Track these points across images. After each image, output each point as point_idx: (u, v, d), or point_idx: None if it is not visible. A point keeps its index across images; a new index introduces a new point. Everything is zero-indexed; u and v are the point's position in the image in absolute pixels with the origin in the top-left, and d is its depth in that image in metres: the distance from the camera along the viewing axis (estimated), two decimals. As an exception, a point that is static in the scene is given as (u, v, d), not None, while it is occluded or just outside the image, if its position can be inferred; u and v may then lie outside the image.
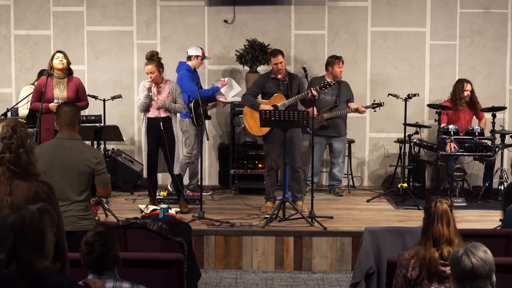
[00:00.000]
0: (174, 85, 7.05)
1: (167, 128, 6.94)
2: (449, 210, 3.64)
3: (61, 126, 4.43)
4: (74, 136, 4.41)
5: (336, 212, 7.14)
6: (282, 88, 7.15)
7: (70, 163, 4.30)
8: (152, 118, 6.95)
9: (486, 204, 7.58)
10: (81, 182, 4.33)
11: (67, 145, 4.35)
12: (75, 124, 4.43)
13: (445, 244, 3.58)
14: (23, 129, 3.34)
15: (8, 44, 8.83)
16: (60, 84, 6.86)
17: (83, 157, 4.33)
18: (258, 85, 7.25)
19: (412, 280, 3.60)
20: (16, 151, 3.25)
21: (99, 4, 8.76)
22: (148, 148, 7.00)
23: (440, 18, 8.73)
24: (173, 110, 6.98)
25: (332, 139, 8.08)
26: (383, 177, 8.91)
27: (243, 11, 8.74)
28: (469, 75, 8.40)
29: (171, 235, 4.75)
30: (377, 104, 7.87)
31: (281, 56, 7.12)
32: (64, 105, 4.57)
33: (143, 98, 6.89)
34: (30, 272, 2.40)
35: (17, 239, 2.40)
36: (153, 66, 6.86)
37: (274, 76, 7.18)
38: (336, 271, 6.25)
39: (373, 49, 8.79)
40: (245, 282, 5.97)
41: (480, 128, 7.68)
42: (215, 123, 8.85)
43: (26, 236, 2.41)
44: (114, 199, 7.73)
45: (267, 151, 7.20)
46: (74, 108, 4.49)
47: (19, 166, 3.25)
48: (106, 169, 4.42)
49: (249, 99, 7.17)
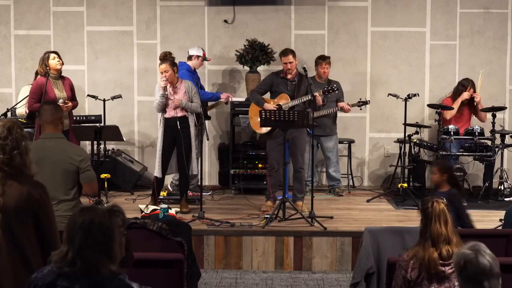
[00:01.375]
0: (189, 84, 7.03)
1: (184, 127, 6.92)
2: (446, 209, 3.65)
3: (44, 125, 4.44)
4: (56, 135, 4.40)
5: (336, 212, 7.14)
6: (289, 88, 7.11)
7: (55, 162, 4.30)
8: (168, 118, 6.93)
9: (486, 204, 7.58)
10: (67, 181, 4.33)
11: (51, 144, 4.35)
12: (57, 123, 4.42)
13: (444, 243, 3.59)
14: (19, 130, 3.33)
15: (8, 44, 8.83)
16: (57, 84, 6.89)
17: (66, 156, 4.33)
18: (266, 83, 7.24)
19: (412, 281, 3.60)
20: (10, 153, 3.25)
21: (99, 4, 8.76)
22: (163, 148, 6.99)
23: (440, 18, 8.73)
24: (190, 109, 6.96)
25: (321, 138, 8.07)
26: (383, 177, 8.92)
27: (243, 11, 8.75)
28: (469, 75, 8.40)
29: (171, 235, 4.75)
30: (362, 102, 7.85)
31: (292, 56, 7.06)
32: (45, 104, 4.59)
33: (160, 98, 6.86)
34: (93, 273, 2.42)
35: (84, 239, 2.42)
36: (167, 64, 6.84)
37: (284, 75, 7.15)
38: (336, 271, 6.25)
39: (373, 49, 8.79)
40: (245, 282, 5.97)
41: (480, 128, 7.68)
42: (215, 123, 8.85)
43: (93, 236, 2.43)
44: (114, 199, 7.73)
45: (269, 150, 7.20)
46: (54, 106, 4.49)
47: (12, 167, 3.25)
48: (90, 166, 4.41)
49: (255, 96, 7.17)
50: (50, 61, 6.86)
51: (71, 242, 2.45)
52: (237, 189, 8.10)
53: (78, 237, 2.44)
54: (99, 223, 2.45)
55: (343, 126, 8.67)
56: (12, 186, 3.22)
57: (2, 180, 3.22)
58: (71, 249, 2.44)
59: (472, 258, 2.67)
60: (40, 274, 2.52)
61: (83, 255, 2.42)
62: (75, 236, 2.44)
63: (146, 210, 6.46)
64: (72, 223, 2.49)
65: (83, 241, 2.43)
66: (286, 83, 7.14)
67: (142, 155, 8.85)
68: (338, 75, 8.48)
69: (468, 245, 2.74)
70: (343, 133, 8.67)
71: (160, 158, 7.01)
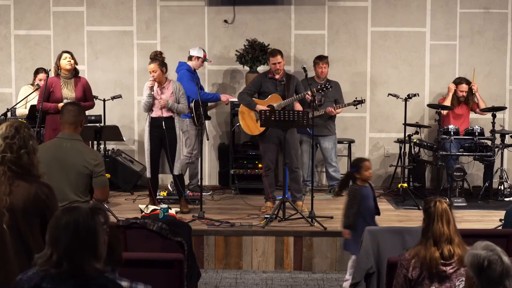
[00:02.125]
0: (177, 85, 7.05)
1: (169, 128, 6.94)
2: (448, 209, 3.64)
3: (64, 125, 4.43)
4: (75, 136, 4.40)
5: (336, 212, 7.11)
6: (279, 88, 7.15)
7: (69, 163, 4.30)
8: (155, 117, 6.96)
9: (486, 204, 7.58)
10: (79, 183, 4.32)
11: (67, 145, 4.34)
12: (78, 125, 4.42)
13: (446, 243, 3.58)
14: (27, 130, 3.34)
15: (8, 44, 8.83)
16: (68, 84, 6.88)
17: (82, 158, 4.33)
18: (255, 84, 7.25)
19: (413, 280, 3.60)
20: (18, 152, 3.26)
21: (99, 4, 8.77)
22: (151, 148, 7.00)
23: (440, 18, 8.73)
24: (176, 110, 6.97)
25: (319, 138, 8.06)
26: (383, 177, 8.91)
27: (243, 11, 8.75)
28: (469, 75, 8.41)
29: (171, 235, 4.75)
30: (358, 101, 7.84)
31: (280, 56, 7.12)
32: (69, 104, 4.58)
33: (146, 97, 6.90)
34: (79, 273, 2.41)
35: (70, 239, 2.42)
36: (156, 64, 6.87)
37: (272, 76, 7.19)
38: (336, 271, 6.25)
39: (373, 49, 8.79)
40: (245, 282, 5.97)
41: (480, 128, 7.68)
42: (215, 123, 8.85)
43: (79, 236, 2.43)
44: (114, 199, 7.73)
45: (263, 151, 7.21)
46: (78, 108, 4.48)
47: (20, 167, 3.25)
48: (104, 171, 4.40)
49: (245, 98, 7.17)
50: (61, 61, 6.87)
51: (56, 243, 2.43)
52: (237, 189, 8.10)
53: (63, 238, 2.42)
54: (83, 222, 2.45)
55: (343, 126, 8.68)
56: (19, 186, 3.22)
57: (9, 180, 3.22)
58: (56, 251, 2.42)
59: (496, 258, 2.66)
60: (25, 277, 2.50)
61: (69, 256, 2.41)
62: (60, 238, 2.43)
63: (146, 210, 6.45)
64: (55, 224, 2.47)
65: (68, 242, 2.42)
66: (275, 83, 7.16)
67: (142, 155, 8.83)
68: (338, 75, 8.48)
69: (480, 245, 2.72)
70: (343, 133, 8.67)
71: (149, 158, 7.02)
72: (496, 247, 2.70)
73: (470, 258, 2.72)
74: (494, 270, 2.65)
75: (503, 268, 2.65)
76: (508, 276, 2.66)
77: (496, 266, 2.65)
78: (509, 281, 2.66)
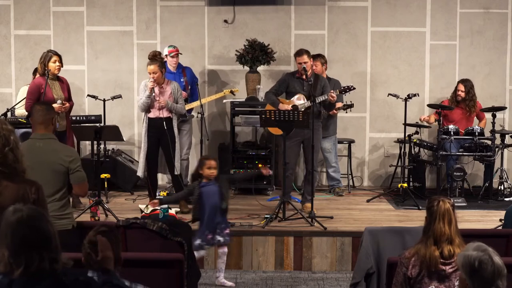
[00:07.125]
0: (175, 85, 7.04)
1: (169, 128, 6.94)
2: (451, 209, 3.64)
3: (35, 126, 4.41)
4: (47, 135, 4.37)
5: (336, 212, 7.14)
6: (305, 88, 7.03)
7: (44, 162, 4.27)
8: (153, 118, 6.95)
9: (486, 204, 7.58)
10: (56, 182, 4.30)
11: (40, 145, 4.32)
12: (48, 123, 4.38)
13: (446, 243, 3.58)
14: (5, 126, 3.30)
15: (8, 44, 8.83)
16: (54, 85, 6.87)
17: (56, 156, 4.31)
18: (282, 83, 7.18)
19: (412, 278, 3.60)
20: (2, 151, 3.23)
21: (99, 4, 8.77)
22: (148, 148, 7.00)
23: (440, 18, 8.73)
24: (175, 110, 6.97)
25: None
26: (383, 177, 8.91)
27: (243, 11, 8.75)
28: (469, 75, 8.40)
29: (171, 235, 4.75)
30: (347, 105, 7.83)
31: (306, 56, 6.94)
32: (36, 104, 4.56)
33: (145, 98, 6.88)
34: (46, 272, 2.35)
35: (20, 239, 2.36)
36: (156, 66, 6.85)
37: (299, 75, 7.07)
38: (336, 271, 6.25)
39: (373, 49, 8.79)
40: (245, 282, 5.97)
41: (480, 128, 7.68)
42: (215, 123, 8.85)
43: (28, 234, 2.36)
44: (114, 199, 7.73)
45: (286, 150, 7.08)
46: (46, 107, 4.45)
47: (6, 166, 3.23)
48: (81, 167, 4.37)
49: (270, 97, 7.11)
50: (50, 63, 6.82)
51: (7, 246, 2.35)
52: (237, 189, 8.10)
53: (14, 239, 2.35)
54: (27, 220, 2.37)
55: (343, 126, 8.68)
56: (7, 187, 3.21)
57: None
58: (7, 253, 2.34)
59: (487, 258, 2.65)
60: None
61: (25, 256, 2.32)
62: (12, 239, 2.35)
63: (146, 210, 6.45)
64: (3, 227, 2.39)
65: (18, 241, 2.34)
66: (302, 83, 7.06)
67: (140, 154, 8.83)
68: (338, 75, 8.47)
69: (472, 246, 2.71)
70: (343, 133, 8.67)
71: (144, 158, 7.02)
72: (488, 248, 2.69)
73: (461, 259, 2.71)
74: (485, 270, 2.63)
75: (494, 268, 2.63)
76: (500, 276, 2.64)
77: (487, 266, 2.64)
78: (501, 281, 2.64)
